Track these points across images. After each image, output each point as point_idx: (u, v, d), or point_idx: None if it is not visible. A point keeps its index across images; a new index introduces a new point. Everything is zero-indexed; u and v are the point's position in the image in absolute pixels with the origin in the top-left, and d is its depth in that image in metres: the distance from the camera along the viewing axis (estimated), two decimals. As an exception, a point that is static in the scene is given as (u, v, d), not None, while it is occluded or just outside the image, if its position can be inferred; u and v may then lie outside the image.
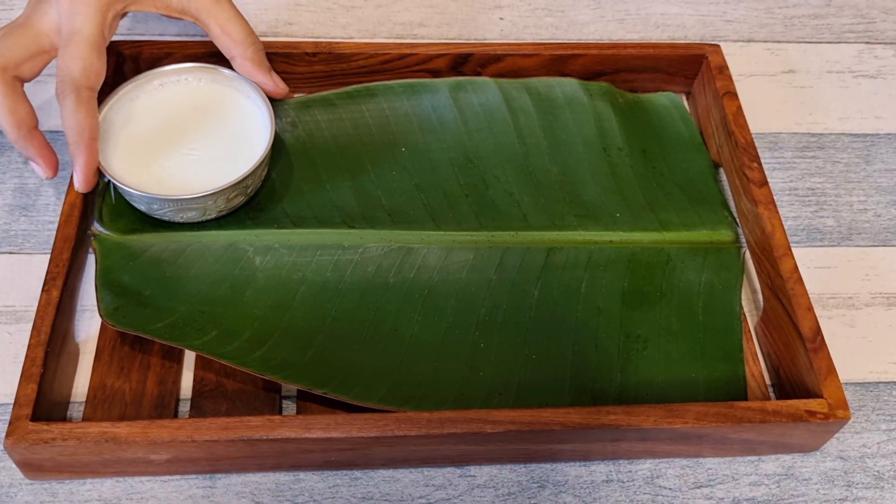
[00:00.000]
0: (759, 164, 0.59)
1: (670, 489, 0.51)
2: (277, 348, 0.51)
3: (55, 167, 0.54)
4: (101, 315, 0.51)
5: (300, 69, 0.65)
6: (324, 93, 0.63)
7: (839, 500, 0.51)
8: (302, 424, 0.46)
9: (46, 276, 0.51)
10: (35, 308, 0.55)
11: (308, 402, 0.52)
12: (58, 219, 0.59)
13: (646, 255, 0.58)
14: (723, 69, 0.65)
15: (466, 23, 0.75)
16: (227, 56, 0.56)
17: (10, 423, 0.46)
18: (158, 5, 0.56)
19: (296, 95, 0.64)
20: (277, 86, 0.58)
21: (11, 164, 0.62)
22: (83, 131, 0.51)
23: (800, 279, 0.54)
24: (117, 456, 0.47)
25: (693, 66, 0.67)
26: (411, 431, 0.46)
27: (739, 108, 0.62)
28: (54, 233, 0.59)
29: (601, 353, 0.53)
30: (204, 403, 0.51)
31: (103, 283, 0.52)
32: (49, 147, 0.54)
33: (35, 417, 0.46)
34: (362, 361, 0.51)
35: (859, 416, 0.54)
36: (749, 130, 0.61)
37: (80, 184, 0.52)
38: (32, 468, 0.48)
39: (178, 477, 0.49)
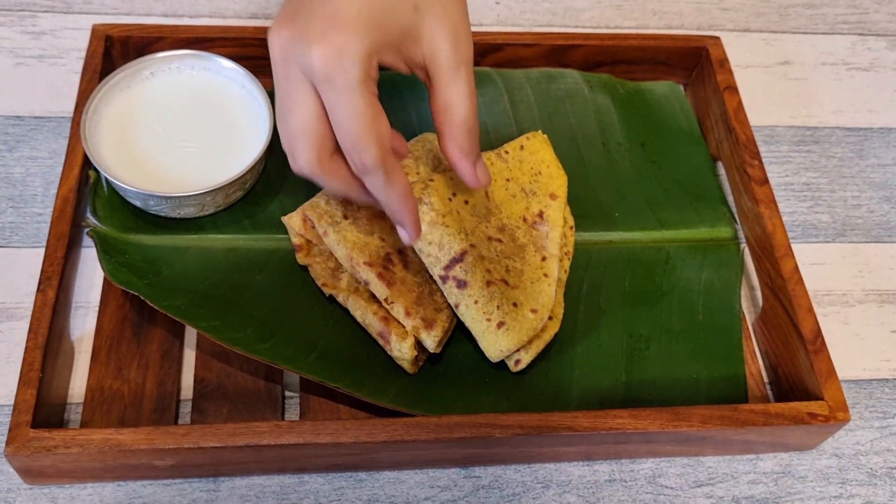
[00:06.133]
0: (761, 161, 0.59)
1: (672, 488, 0.51)
2: (280, 347, 0.50)
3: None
4: (103, 269, 0.50)
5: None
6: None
7: (834, 497, 0.52)
8: (310, 430, 0.46)
9: (41, 275, 0.49)
10: (25, 304, 0.54)
11: (311, 394, 0.51)
12: (45, 210, 0.58)
13: (645, 254, 0.58)
14: (723, 63, 0.64)
15: (461, 6, 0.73)
16: (436, 125, 0.47)
17: (10, 431, 0.44)
18: (399, 60, 0.47)
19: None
20: (479, 180, 0.49)
21: (-5, 152, 0.60)
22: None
23: (800, 280, 0.54)
24: (120, 462, 0.46)
25: (693, 58, 0.66)
26: (421, 436, 0.46)
27: (740, 103, 0.62)
28: (42, 226, 0.57)
29: (605, 354, 0.53)
30: (205, 405, 0.50)
31: (106, 260, 0.51)
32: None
33: (35, 424, 0.45)
34: (368, 364, 0.51)
35: (853, 414, 0.55)
36: (750, 127, 0.61)
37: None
38: (32, 474, 0.47)
39: (180, 480, 0.49)
